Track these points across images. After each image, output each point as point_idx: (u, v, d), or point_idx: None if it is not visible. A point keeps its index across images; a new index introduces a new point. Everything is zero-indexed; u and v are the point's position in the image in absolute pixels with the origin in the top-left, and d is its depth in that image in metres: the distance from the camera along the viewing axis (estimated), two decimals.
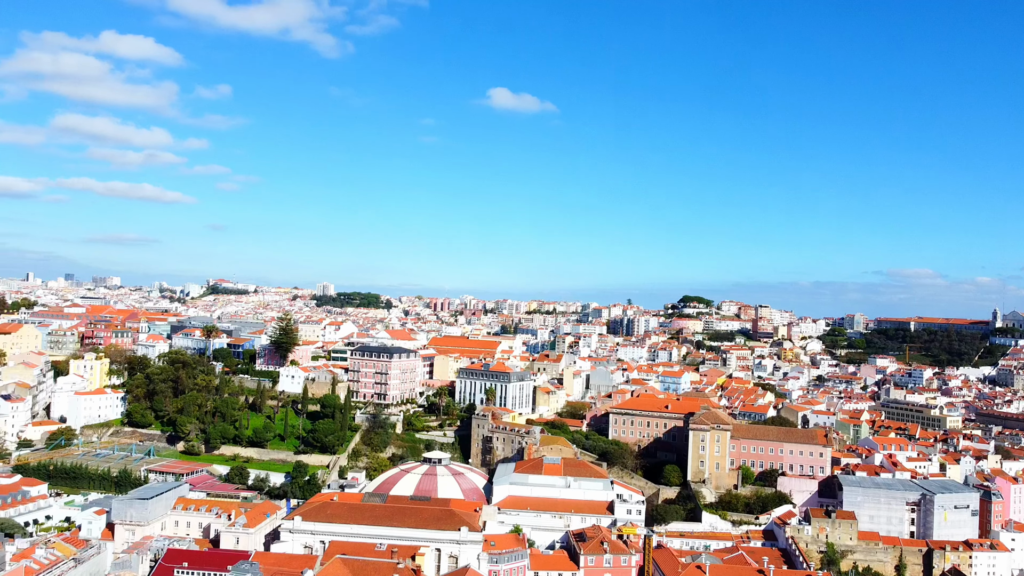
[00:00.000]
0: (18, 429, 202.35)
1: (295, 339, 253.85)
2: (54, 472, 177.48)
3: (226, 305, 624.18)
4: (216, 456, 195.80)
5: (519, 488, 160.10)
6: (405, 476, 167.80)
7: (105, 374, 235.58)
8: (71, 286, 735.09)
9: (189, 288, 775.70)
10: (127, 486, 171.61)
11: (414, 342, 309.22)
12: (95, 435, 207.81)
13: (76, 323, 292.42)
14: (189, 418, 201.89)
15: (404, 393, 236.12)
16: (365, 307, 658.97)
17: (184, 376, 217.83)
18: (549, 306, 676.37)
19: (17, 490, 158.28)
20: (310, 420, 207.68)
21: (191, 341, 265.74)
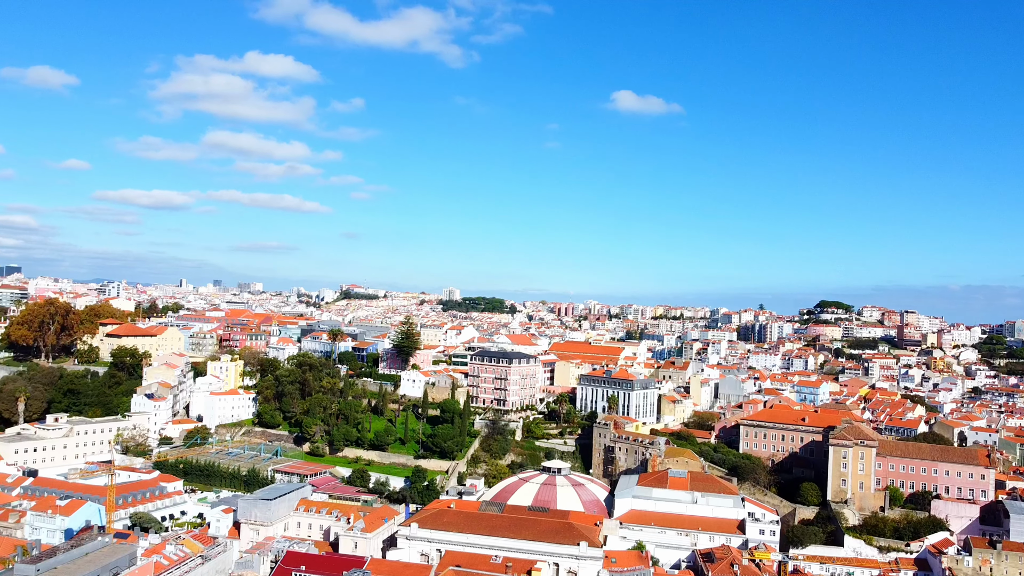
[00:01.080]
0: (160, 427, 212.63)
1: (416, 343, 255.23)
2: (189, 469, 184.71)
3: (357, 309, 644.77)
4: (339, 458, 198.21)
5: (642, 502, 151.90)
6: (524, 485, 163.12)
7: (239, 375, 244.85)
8: (219, 291, 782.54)
9: (324, 293, 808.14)
10: (255, 485, 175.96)
11: (535, 347, 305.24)
12: (228, 434, 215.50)
13: (215, 326, 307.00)
14: (314, 420, 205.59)
15: (524, 399, 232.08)
16: (490, 312, 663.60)
17: (311, 378, 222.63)
18: (676, 311, 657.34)
19: (155, 485, 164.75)
20: (430, 424, 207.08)
21: (318, 344, 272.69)
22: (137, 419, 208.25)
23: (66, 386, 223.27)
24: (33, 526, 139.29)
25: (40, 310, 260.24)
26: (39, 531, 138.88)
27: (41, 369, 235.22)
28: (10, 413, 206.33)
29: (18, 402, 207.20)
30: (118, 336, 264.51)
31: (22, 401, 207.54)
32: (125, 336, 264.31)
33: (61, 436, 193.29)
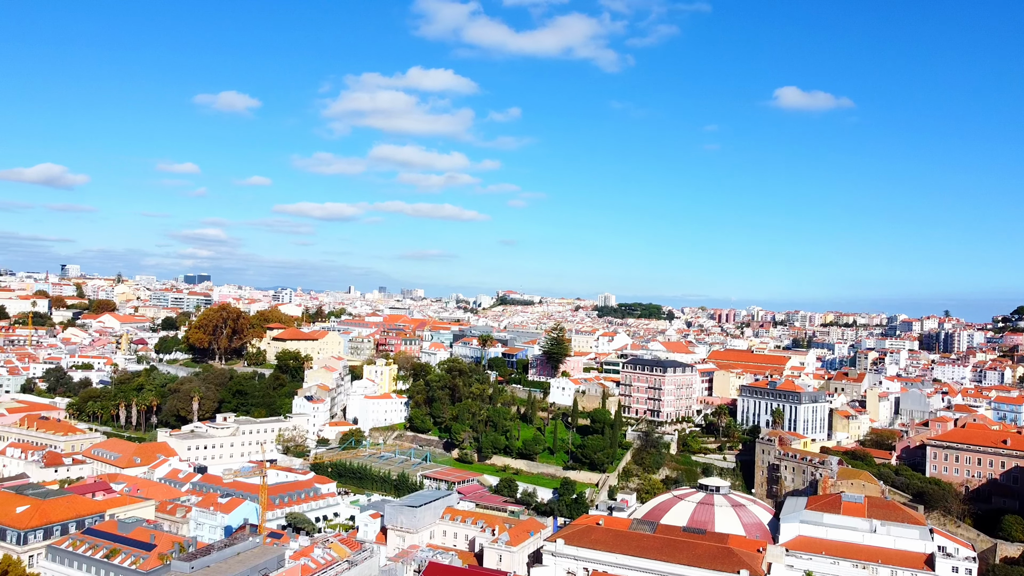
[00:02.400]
0: (318, 428, 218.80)
1: (566, 350, 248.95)
2: (343, 471, 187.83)
3: (513, 315, 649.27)
4: (487, 466, 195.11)
5: (811, 528, 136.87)
6: (678, 503, 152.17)
7: (393, 379, 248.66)
8: (383, 297, 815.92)
9: (481, 299, 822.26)
10: (405, 490, 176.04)
11: (692, 355, 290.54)
12: (381, 438, 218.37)
13: (373, 331, 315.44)
14: (463, 426, 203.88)
15: (679, 410, 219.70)
16: (646, 318, 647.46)
17: (460, 384, 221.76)
18: (847, 318, 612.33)
19: (311, 486, 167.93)
20: (579, 434, 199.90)
21: (469, 350, 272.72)
22: (297, 420, 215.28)
23: (235, 387, 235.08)
24: (197, 522, 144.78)
25: (214, 315, 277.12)
26: (202, 527, 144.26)
27: (214, 370, 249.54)
28: (186, 412, 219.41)
29: (193, 401, 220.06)
30: (283, 340, 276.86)
31: (196, 400, 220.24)
32: (289, 340, 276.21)
33: (228, 435, 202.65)
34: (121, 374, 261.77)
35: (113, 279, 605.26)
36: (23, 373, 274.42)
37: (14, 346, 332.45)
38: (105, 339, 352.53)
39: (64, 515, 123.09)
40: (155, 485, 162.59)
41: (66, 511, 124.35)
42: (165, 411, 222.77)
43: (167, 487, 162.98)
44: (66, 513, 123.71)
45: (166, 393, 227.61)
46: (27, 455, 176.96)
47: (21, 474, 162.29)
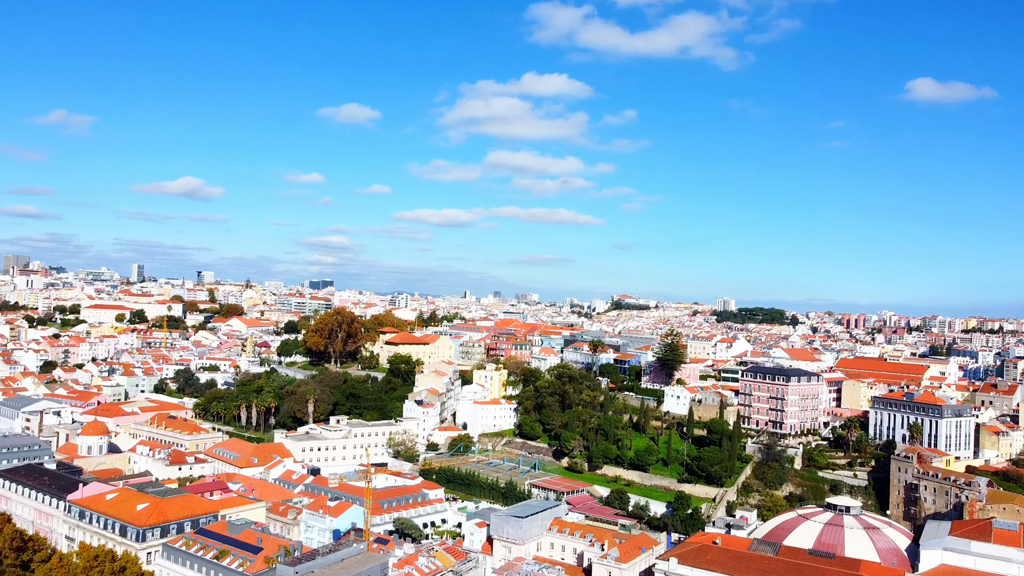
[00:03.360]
0: (427, 433, 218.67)
1: (682, 356, 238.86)
2: (451, 477, 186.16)
3: (627, 320, 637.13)
4: (598, 476, 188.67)
5: (957, 557, 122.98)
6: (803, 523, 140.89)
7: (502, 385, 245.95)
8: (498, 302, 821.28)
9: (595, 304, 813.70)
10: (512, 498, 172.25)
11: (818, 363, 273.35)
12: (490, 444, 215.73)
13: (484, 335, 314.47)
14: (573, 434, 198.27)
15: (804, 422, 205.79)
16: (768, 323, 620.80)
17: (570, 391, 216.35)
18: (992, 324, 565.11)
19: (418, 492, 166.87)
20: (695, 445, 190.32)
21: (579, 355, 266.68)
22: (407, 424, 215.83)
23: (349, 390, 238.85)
24: (307, 524, 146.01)
25: (330, 319, 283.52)
26: (312, 529, 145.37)
27: (329, 373, 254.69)
28: (302, 413, 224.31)
29: (308, 403, 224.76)
30: (395, 344, 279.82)
31: (311, 403, 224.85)
32: (401, 344, 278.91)
33: (341, 437, 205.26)
34: (243, 376, 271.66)
35: (242, 285, 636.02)
36: (157, 374, 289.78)
37: (151, 348, 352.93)
38: (232, 342, 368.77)
39: (180, 514, 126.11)
40: (269, 486, 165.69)
41: (182, 510, 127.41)
42: (282, 412, 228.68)
43: (280, 488, 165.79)
44: (182, 512, 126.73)
45: (283, 395, 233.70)
46: (154, 453, 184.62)
47: (145, 472, 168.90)
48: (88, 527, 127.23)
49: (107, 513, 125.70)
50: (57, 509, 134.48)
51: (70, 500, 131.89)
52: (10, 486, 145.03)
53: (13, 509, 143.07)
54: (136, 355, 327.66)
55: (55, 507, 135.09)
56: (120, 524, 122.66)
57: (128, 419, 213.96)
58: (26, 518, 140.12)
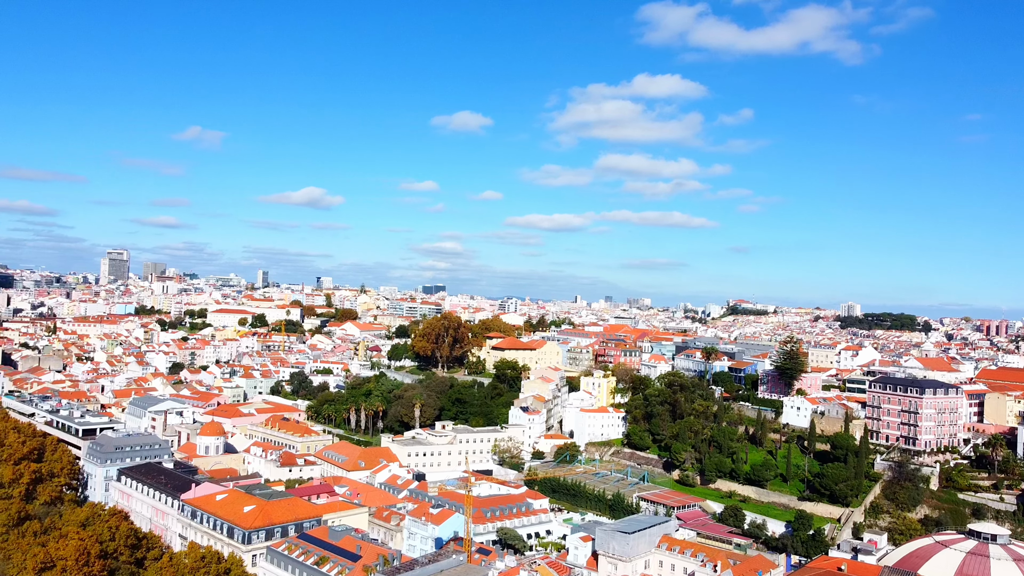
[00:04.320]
0: (533, 440, 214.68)
1: (802, 365, 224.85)
2: (556, 487, 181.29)
3: (744, 326, 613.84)
4: (710, 491, 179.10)
5: None
6: (941, 551, 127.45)
7: (610, 392, 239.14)
8: (609, 307, 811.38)
9: (710, 309, 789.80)
10: (619, 511, 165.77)
11: (955, 374, 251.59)
12: (597, 453, 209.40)
13: (592, 341, 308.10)
14: (684, 445, 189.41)
15: (941, 438, 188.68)
16: (897, 330, 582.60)
17: (682, 400, 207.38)
18: None
19: (523, 501, 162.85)
20: (817, 461, 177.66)
21: (691, 363, 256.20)
22: (513, 431, 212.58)
23: (455, 395, 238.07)
24: (410, 531, 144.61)
25: (436, 324, 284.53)
26: (414, 536, 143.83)
27: (436, 378, 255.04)
28: (408, 418, 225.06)
29: (415, 408, 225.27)
30: (501, 349, 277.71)
31: (418, 407, 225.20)
32: (508, 349, 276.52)
33: (446, 443, 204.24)
34: (353, 379, 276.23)
35: (357, 290, 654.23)
36: (274, 376, 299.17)
37: (269, 351, 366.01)
38: (345, 346, 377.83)
39: (284, 517, 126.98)
40: (374, 490, 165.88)
41: (286, 513, 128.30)
42: (390, 416, 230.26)
43: (384, 493, 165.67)
44: (286, 515, 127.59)
45: (391, 399, 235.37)
46: (267, 454, 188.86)
47: (255, 473, 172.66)
48: (199, 527, 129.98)
49: (216, 514, 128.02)
50: (172, 508, 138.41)
51: (183, 499, 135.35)
52: (132, 484, 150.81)
53: (134, 506, 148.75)
54: (256, 358, 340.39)
55: (170, 506, 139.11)
56: (228, 525, 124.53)
57: (244, 420, 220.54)
58: (144, 515, 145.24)
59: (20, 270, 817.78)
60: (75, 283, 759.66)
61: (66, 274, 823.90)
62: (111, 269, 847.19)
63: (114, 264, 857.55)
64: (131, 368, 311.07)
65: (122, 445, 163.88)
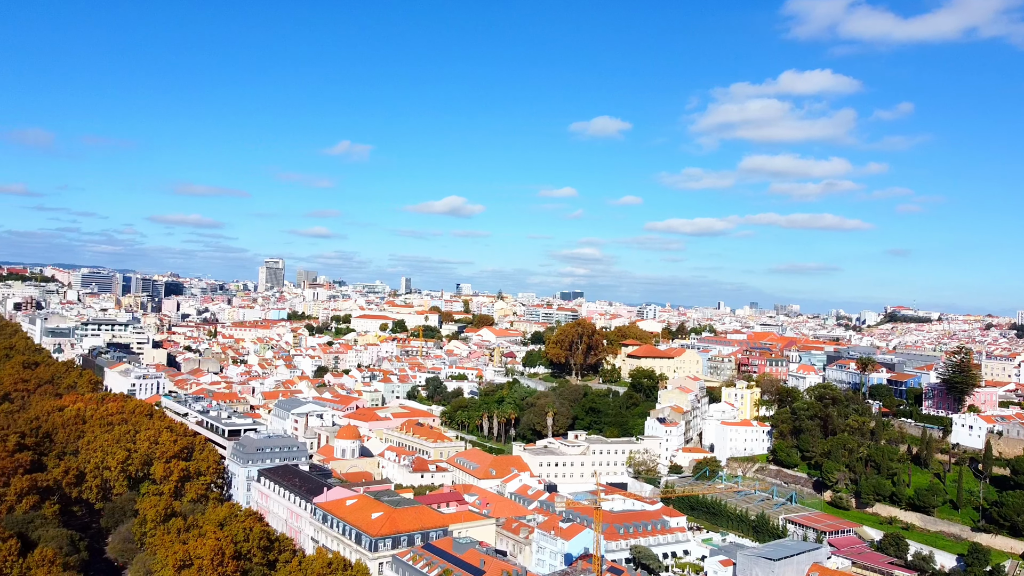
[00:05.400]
0: (670, 453, 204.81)
1: (974, 378, 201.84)
2: (695, 504, 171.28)
3: (904, 335, 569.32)
4: (867, 515, 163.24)
5: None
6: None
7: (754, 404, 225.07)
8: (754, 313, 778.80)
9: (865, 316, 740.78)
10: (764, 534, 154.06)
11: None
12: (739, 469, 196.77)
13: (735, 350, 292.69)
14: (837, 464, 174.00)
15: None
16: None
17: (834, 414, 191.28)
18: None
19: (658, 518, 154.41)
20: (994, 487, 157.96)
21: (844, 374, 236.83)
22: (649, 443, 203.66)
23: (589, 404, 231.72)
24: (539, 544, 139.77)
25: (570, 331, 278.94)
26: (543, 551, 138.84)
27: (569, 386, 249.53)
28: (541, 426, 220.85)
29: (547, 416, 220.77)
30: (637, 357, 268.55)
31: (550, 416, 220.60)
32: (644, 357, 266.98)
33: (579, 453, 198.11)
34: (487, 386, 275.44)
35: (495, 296, 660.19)
36: (411, 381, 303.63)
37: (408, 356, 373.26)
38: (480, 352, 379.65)
39: (411, 526, 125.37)
40: (503, 500, 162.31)
41: (413, 522, 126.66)
42: (522, 424, 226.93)
43: (514, 503, 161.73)
44: (413, 524, 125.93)
45: (524, 407, 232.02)
46: (400, 459, 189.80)
47: (385, 479, 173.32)
48: (329, 531, 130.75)
49: (345, 519, 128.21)
50: (304, 510, 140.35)
51: (315, 503, 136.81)
52: (270, 484, 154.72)
53: (271, 507, 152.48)
54: (394, 362, 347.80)
55: (303, 508, 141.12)
56: (356, 531, 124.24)
57: (381, 424, 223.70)
58: (281, 516, 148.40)
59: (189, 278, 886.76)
60: (236, 290, 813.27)
61: (229, 282, 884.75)
62: (268, 277, 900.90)
63: (271, 272, 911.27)
64: (280, 371, 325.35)
65: (263, 446, 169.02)
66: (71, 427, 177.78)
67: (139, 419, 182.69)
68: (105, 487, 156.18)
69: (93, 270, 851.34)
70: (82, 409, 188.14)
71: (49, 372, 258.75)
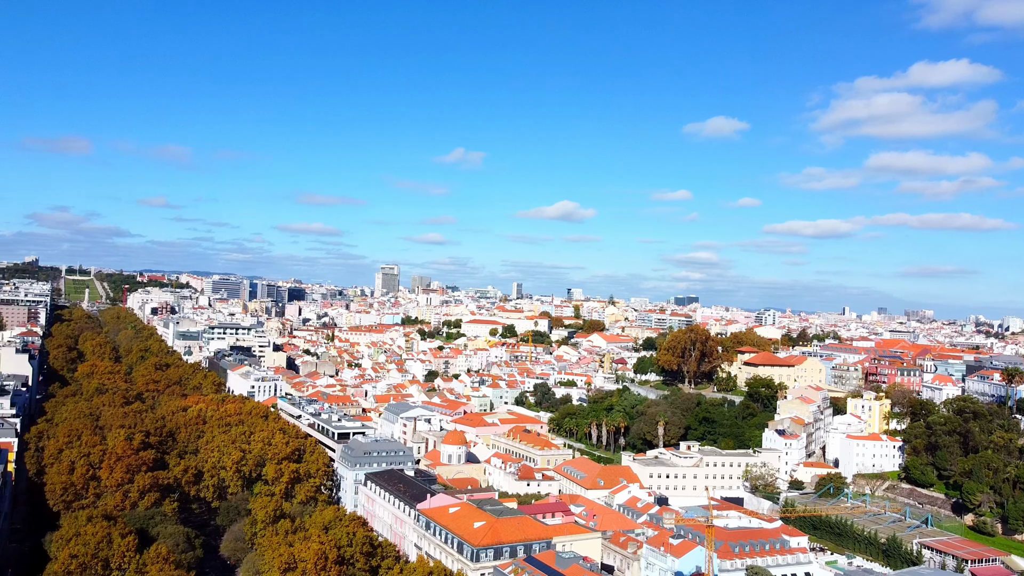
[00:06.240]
0: (790, 468, 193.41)
1: None
2: (817, 523, 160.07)
3: None
4: (1016, 543, 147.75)
5: None
6: None
7: (883, 417, 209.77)
8: (883, 319, 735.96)
9: (1009, 322, 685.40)
10: (896, 560, 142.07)
11: None
12: (867, 487, 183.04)
13: (862, 358, 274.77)
14: (980, 485, 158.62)
15: None
16: None
17: (976, 430, 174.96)
18: None
19: (777, 537, 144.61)
20: None
21: (987, 386, 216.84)
22: (767, 456, 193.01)
23: (703, 413, 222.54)
24: (648, 561, 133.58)
25: (682, 337, 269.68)
26: (652, 568, 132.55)
27: (682, 394, 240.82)
28: (651, 436, 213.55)
29: (658, 425, 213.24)
30: (754, 365, 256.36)
31: (662, 425, 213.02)
32: (761, 365, 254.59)
33: (691, 465, 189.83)
34: (596, 393, 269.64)
35: (605, 301, 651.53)
36: (519, 386, 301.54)
37: (517, 361, 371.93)
38: (590, 358, 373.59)
39: (513, 537, 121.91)
40: (611, 512, 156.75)
41: (516, 533, 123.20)
42: (632, 433, 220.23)
43: (622, 516, 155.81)
44: (515, 535, 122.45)
45: (634, 415, 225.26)
46: (506, 466, 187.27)
47: (490, 486, 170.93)
48: (432, 538, 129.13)
49: (448, 527, 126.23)
50: (408, 516, 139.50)
51: (419, 509, 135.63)
52: (375, 489, 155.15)
53: (377, 511, 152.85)
54: (503, 368, 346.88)
55: (407, 514, 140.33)
56: (458, 540, 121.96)
57: (488, 430, 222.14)
58: (386, 521, 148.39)
59: (311, 284, 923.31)
60: (353, 296, 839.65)
61: (347, 287, 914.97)
62: (384, 283, 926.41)
63: (386, 278, 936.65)
64: (392, 375, 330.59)
65: (370, 450, 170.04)
66: (192, 427, 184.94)
67: (255, 420, 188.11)
68: (221, 486, 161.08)
69: (223, 277, 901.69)
70: (203, 410, 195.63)
71: (178, 373, 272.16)
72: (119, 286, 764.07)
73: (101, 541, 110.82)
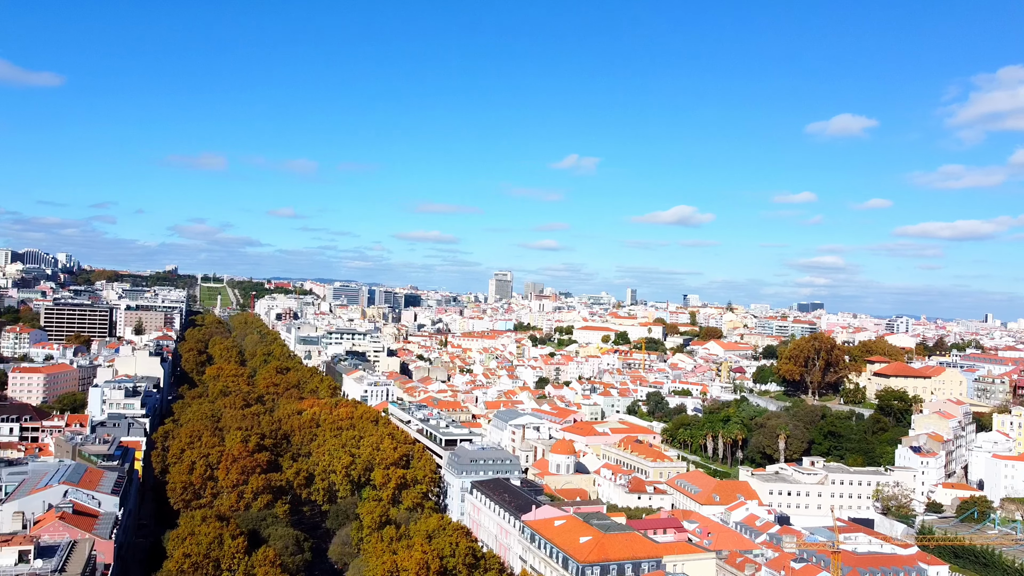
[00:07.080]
0: (927, 489, 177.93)
1: None
2: (960, 551, 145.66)
3: None
4: None
5: None
6: None
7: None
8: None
9: None
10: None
11: None
12: (1018, 513, 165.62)
13: (1009, 369, 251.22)
14: None
15: None
16: None
17: None
18: None
19: (913, 564, 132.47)
20: None
21: None
22: (900, 475, 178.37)
23: (827, 427, 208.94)
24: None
25: (805, 346, 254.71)
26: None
27: (805, 406, 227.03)
28: (772, 450, 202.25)
29: (779, 439, 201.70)
30: (885, 376, 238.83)
31: (783, 438, 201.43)
32: (893, 376, 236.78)
33: (815, 482, 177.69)
34: (712, 403, 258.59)
35: (723, 307, 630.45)
36: (631, 395, 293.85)
37: (630, 369, 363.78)
38: (706, 366, 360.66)
39: (621, 554, 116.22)
40: (727, 531, 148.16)
41: (623, 550, 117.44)
42: (750, 446, 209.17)
43: (739, 535, 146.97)
44: (623, 552, 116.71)
45: (753, 427, 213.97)
46: (616, 477, 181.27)
47: (599, 498, 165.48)
48: (536, 551, 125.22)
49: (552, 540, 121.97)
50: (513, 528, 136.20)
51: (524, 520, 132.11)
52: (481, 498, 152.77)
53: (482, 520, 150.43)
54: (615, 375, 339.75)
55: (512, 525, 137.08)
56: (563, 555, 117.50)
57: (598, 439, 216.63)
58: (491, 531, 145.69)
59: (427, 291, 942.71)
60: (467, 302, 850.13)
61: (461, 294, 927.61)
62: (497, 289, 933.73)
63: (500, 284, 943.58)
64: (502, 381, 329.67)
65: (476, 458, 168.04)
66: (306, 430, 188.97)
67: (365, 425, 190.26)
68: (331, 490, 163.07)
69: (344, 284, 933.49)
70: (317, 413, 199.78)
71: (296, 377, 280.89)
72: (248, 293, 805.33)
73: (213, 541, 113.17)
